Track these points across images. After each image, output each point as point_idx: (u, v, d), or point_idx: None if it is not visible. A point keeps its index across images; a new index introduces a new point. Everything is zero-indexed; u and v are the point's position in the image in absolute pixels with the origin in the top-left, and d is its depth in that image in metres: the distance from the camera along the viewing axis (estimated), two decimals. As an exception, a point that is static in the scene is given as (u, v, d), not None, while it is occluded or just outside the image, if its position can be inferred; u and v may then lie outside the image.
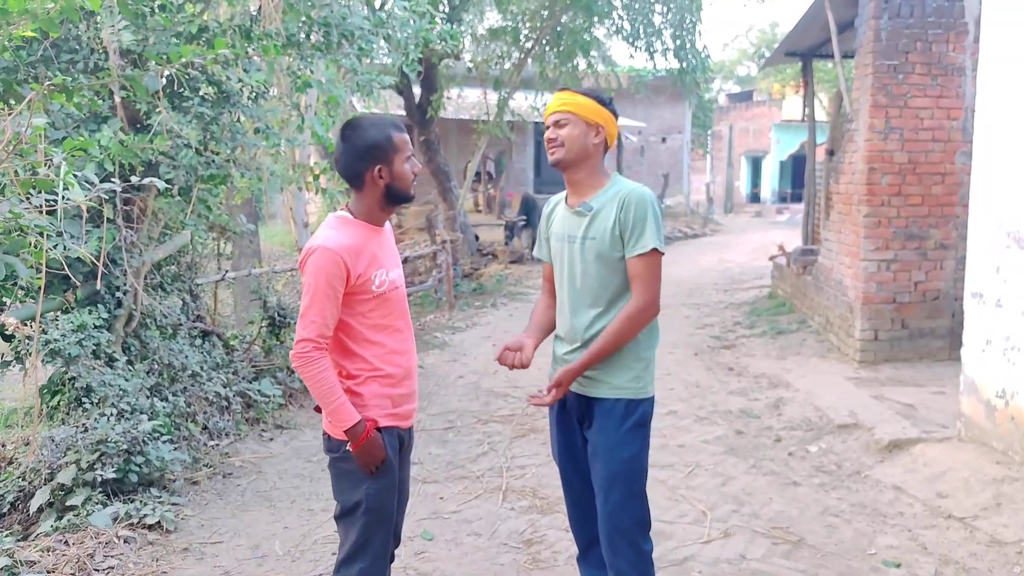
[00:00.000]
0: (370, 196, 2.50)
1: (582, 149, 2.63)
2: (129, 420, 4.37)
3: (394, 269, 2.58)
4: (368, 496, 2.48)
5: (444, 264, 11.23)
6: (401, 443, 2.61)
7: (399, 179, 2.48)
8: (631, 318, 2.58)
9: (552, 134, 2.65)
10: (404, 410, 2.59)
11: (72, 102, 3.58)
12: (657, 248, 2.56)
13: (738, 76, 48.84)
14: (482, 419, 5.91)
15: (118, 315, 4.84)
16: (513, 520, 4.15)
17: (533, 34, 13.93)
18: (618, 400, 2.64)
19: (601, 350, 2.60)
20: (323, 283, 2.37)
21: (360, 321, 2.48)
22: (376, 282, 2.47)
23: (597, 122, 2.63)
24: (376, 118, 2.55)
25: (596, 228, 2.62)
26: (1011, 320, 4.42)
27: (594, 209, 2.63)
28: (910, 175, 6.93)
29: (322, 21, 5.33)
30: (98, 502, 4.04)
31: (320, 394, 2.41)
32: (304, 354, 2.38)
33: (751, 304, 10.69)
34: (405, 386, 2.58)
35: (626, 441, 2.63)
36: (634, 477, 2.66)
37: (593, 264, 2.63)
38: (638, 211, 2.55)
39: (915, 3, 6.76)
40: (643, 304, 2.58)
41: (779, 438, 5.32)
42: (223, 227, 6.54)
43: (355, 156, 2.46)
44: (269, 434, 5.56)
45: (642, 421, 2.67)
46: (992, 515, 3.99)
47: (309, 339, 2.37)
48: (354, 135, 2.46)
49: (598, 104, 2.63)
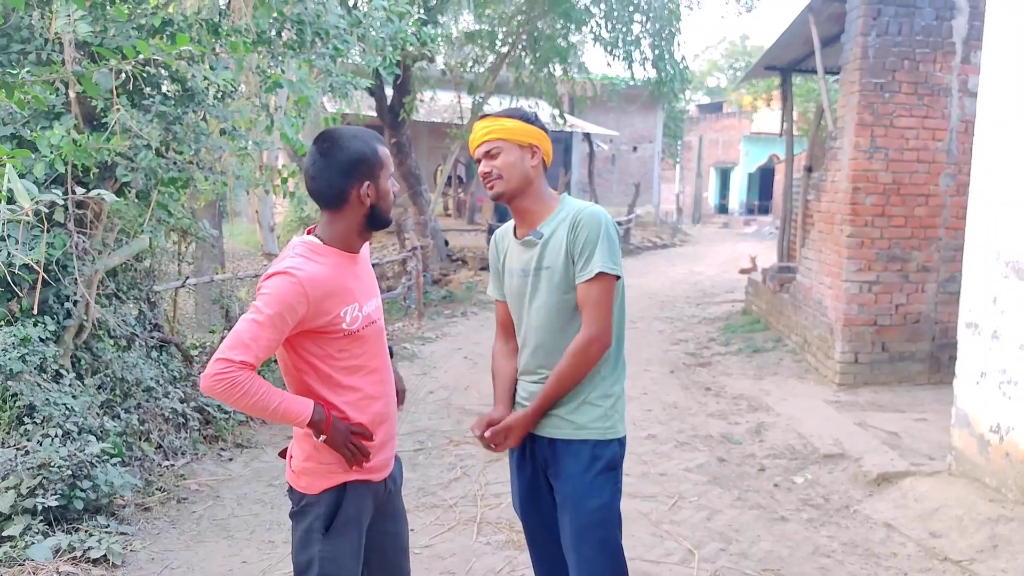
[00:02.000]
0: (350, 218, 2.17)
1: (522, 176, 2.40)
2: (75, 441, 4.05)
3: (369, 302, 2.25)
4: (322, 560, 2.15)
5: (414, 271, 10.95)
6: (377, 496, 2.29)
7: (384, 198, 2.19)
8: (579, 352, 2.33)
9: (486, 167, 2.41)
10: (377, 461, 2.26)
11: (14, 99, 3.25)
12: (606, 272, 2.30)
13: (708, 87, 49.19)
14: (454, 440, 5.65)
15: (67, 326, 4.51)
16: (489, 557, 3.90)
17: (509, 39, 13.72)
18: (584, 442, 2.38)
19: (551, 392, 2.36)
20: (275, 311, 2.02)
21: (331, 364, 2.16)
22: (347, 319, 2.15)
23: (530, 143, 2.41)
24: (358, 130, 2.22)
25: (549, 256, 2.39)
26: (1008, 353, 4.27)
27: (544, 235, 2.40)
28: (894, 196, 6.82)
29: (295, 18, 5.06)
30: (38, 532, 3.71)
31: (256, 408, 2.03)
32: (224, 374, 1.98)
33: (725, 320, 10.56)
34: (380, 433, 2.25)
35: (595, 489, 2.37)
36: (606, 528, 2.40)
37: (551, 296, 2.39)
38: (589, 232, 2.32)
39: (903, 21, 6.65)
40: (592, 334, 2.32)
41: (763, 467, 5.13)
42: (184, 230, 6.21)
43: (339, 172, 2.12)
44: (228, 453, 5.24)
45: (612, 464, 2.41)
46: (989, 558, 3.82)
47: (231, 360, 1.98)
48: (336, 149, 2.13)
49: (526, 123, 2.41)
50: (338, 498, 2.18)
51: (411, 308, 10.85)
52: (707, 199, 35.26)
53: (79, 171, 4.26)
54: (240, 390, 2.00)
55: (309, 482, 2.20)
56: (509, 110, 2.48)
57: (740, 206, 34.55)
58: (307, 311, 2.07)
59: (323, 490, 2.18)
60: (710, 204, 35.43)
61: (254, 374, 2.04)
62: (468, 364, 8.06)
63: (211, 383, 2.00)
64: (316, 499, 2.18)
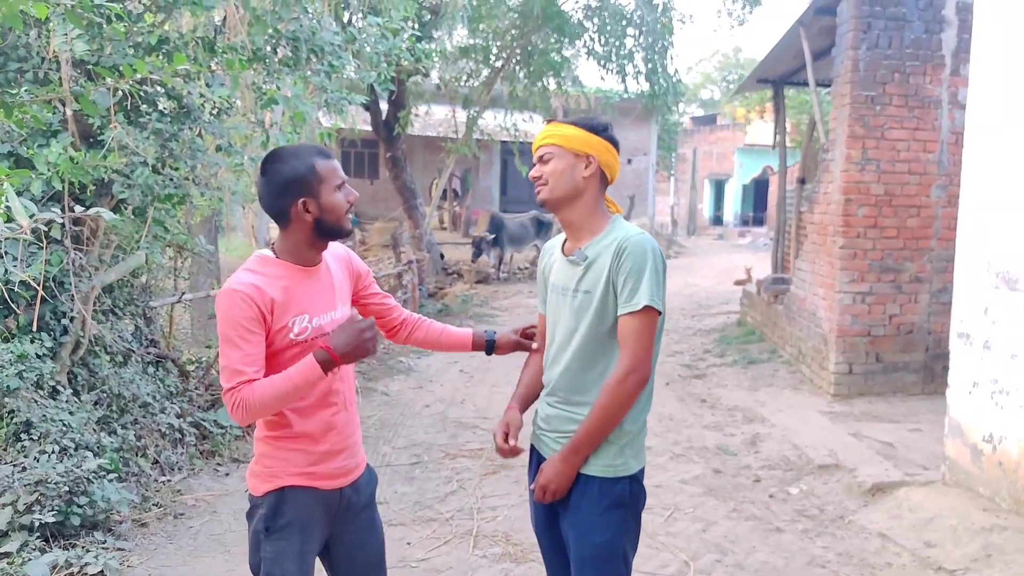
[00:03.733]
0: (297, 232, 2.20)
1: (570, 185, 2.31)
2: (72, 457, 4.05)
3: (324, 314, 2.25)
4: (265, 560, 2.22)
5: (410, 284, 10.97)
6: (330, 504, 2.30)
7: (329, 211, 2.19)
8: (615, 387, 2.21)
9: (536, 171, 2.35)
10: (326, 469, 2.26)
11: (14, 118, 3.28)
12: (652, 306, 2.19)
13: (701, 100, 49.41)
14: (450, 453, 5.66)
15: (64, 343, 4.52)
16: (485, 570, 3.90)
17: (503, 53, 13.79)
18: (592, 478, 2.29)
19: (593, 430, 2.24)
20: (235, 328, 2.09)
21: (277, 369, 2.17)
22: (295, 329, 2.18)
23: (586, 152, 2.30)
24: (299, 147, 2.25)
25: (590, 280, 2.28)
26: (1000, 363, 4.31)
27: (589, 258, 2.29)
28: (886, 207, 6.87)
29: (290, 35, 5.09)
30: (35, 548, 3.71)
31: (280, 401, 2.11)
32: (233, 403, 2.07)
33: (720, 331, 10.58)
34: (328, 443, 2.26)
35: (599, 525, 2.28)
36: (606, 564, 2.30)
37: (586, 322, 2.29)
38: (635, 262, 2.20)
39: (893, 35, 6.72)
40: (627, 368, 2.20)
41: (758, 478, 5.15)
42: (180, 245, 6.22)
43: (276, 191, 2.18)
44: (225, 468, 5.24)
45: (620, 502, 2.29)
46: (983, 568, 3.84)
47: (231, 389, 2.08)
48: (272, 168, 2.19)
49: (587, 132, 2.31)
50: (278, 501, 2.23)
51: (407, 322, 10.85)
52: (702, 211, 35.35)
53: (76, 188, 4.29)
54: (248, 405, 2.08)
55: (255, 484, 2.27)
56: (576, 118, 2.38)
57: (734, 218, 34.65)
58: (263, 314, 2.12)
59: (265, 492, 2.24)
60: (705, 216, 35.52)
61: (250, 384, 2.09)
62: (464, 377, 8.07)
63: (233, 417, 2.11)
64: (260, 501, 2.25)
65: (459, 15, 11.96)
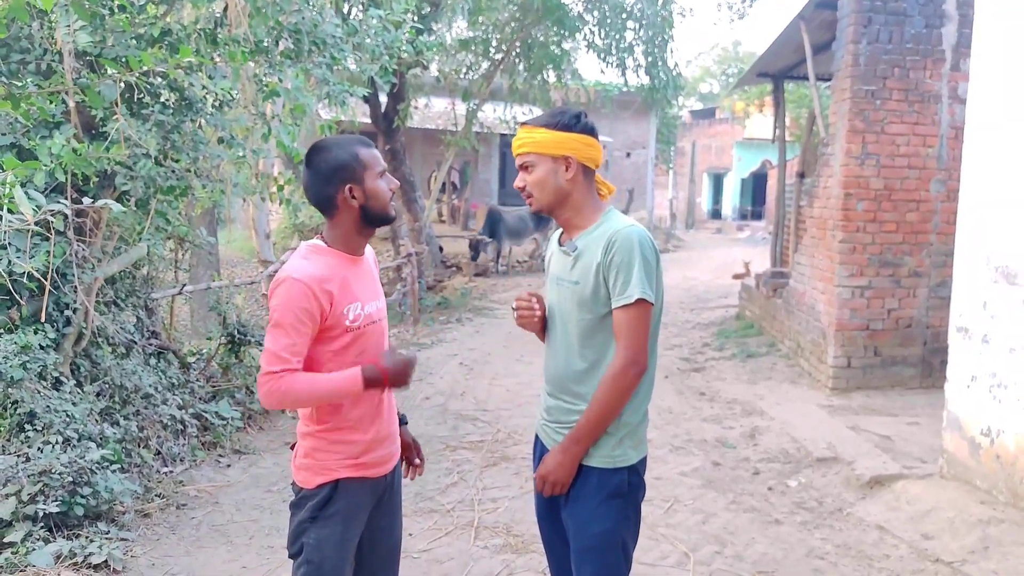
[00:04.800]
0: (345, 220, 2.28)
1: (554, 191, 2.31)
2: (76, 448, 4.07)
3: (372, 302, 2.34)
4: (307, 546, 2.27)
5: (409, 277, 10.99)
6: (376, 492, 2.38)
7: (373, 197, 2.26)
8: (613, 380, 2.23)
9: (520, 182, 2.35)
10: (373, 457, 2.34)
11: (20, 110, 3.28)
12: (644, 299, 2.19)
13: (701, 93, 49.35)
14: (451, 446, 5.69)
15: (67, 334, 4.54)
16: (486, 560, 3.93)
17: (503, 46, 13.77)
18: (591, 469, 2.31)
19: (593, 421, 2.26)
20: (291, 317, 2.15)
21: (332, 359, 2.25)
22: (350, 316, 2.25)
23: (563, 155, 2.28)
24: (341, 138, 2.32)
25: (579, 271, 2.29)
26: (998, 357, 4.34)
27: (578, 249, 2.31)
28: (885, 202, 6.88)
29: (292, 28, 5.10)
30: (39, 538, 3.73)
31: (313, 398, 2.21)
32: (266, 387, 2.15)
33: (718, 325, 10.61)
34: (374, 431, 2.34)
35: (599, 515, 2.30)
36: (606, 554, 2.31)
37: (576, 311, 2.31)
38: (624, 255, 2.20)
39: (893, 29, 6.73)
40: (624, 361, 2.22)
41: (757, 471, 5.18)
42: (181, 237, 6.23)
43: (322, 180, 2.25)
44: (227, 460, 5.27)
45: (618, 492, 2.30)
46: (980, 559, 3.88)
47: (272, 372, 2.15)
48: (318, 158, 2.25)
49: (559, 132, 2.28)
50: (331, 493, 2.29)
51: (406, 314, 10.89)
52: (700, 205, 35.38)
53: (79, 180, 4.30)
54: (284, 394, 2.16)
55: (306, 477, 2.32)
56: (545, 118, 2.33)
57: (733, 212, 34.68)
58: (323, 305, 2.18)
59: (318, 485, 2.29)
60: (703, 210, 35.54)
61: (292, 374, 2.16)
62: (464, 370, 8.09)
63: (263, 399, 2.19)
64: (311, 493, 2.30)
65: (459, 7, 11.93)
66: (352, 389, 2.20)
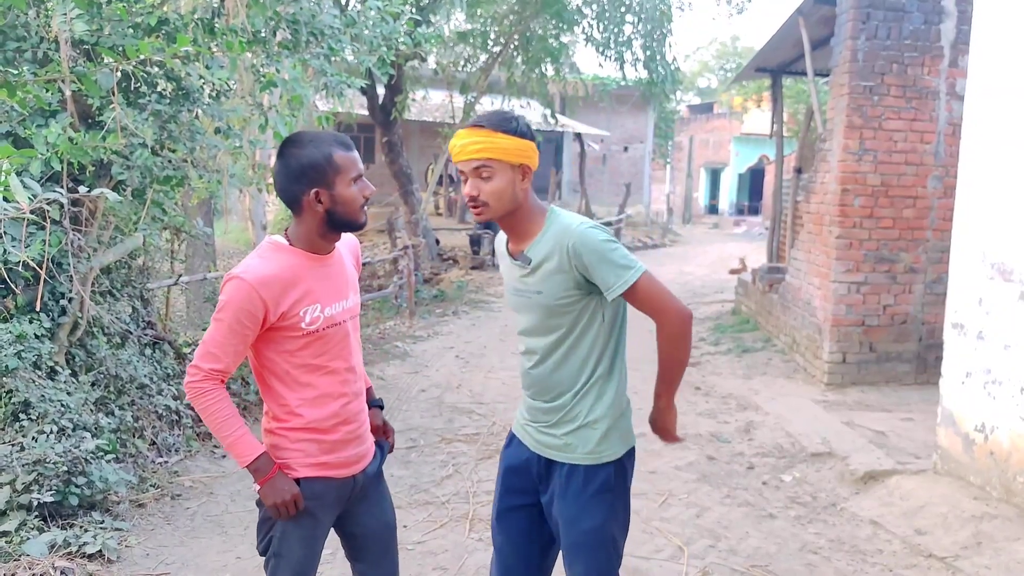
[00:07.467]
0: (308, 221, 2.17)
1: (511, 200, 2.21)
2: (71, 438, 4.06)
3: (336, 303, 2.24)
4: (274, 539, 2.24)
5: (406, 270, 10.98)
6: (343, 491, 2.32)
7: (342, 204, 2.14)
8: (670, 339, 2.22)
9: (473, 190, 2.19)
10: (337, 458, 2.28)
11: (16, 98, 3.27)
12: (638, 273, 2.15)
13: (699, 88, 49.34)
14: (446, 438, 5.69)
15: (62, 323, 4.52)
16: (481, 553, 3.93)
17: (501, 38, 13.75)
18: (576, 466, 2.30)
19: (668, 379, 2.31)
20: (230, 317, 2.08)
21: (288, 360, 2.19)
22: (307, 319, 2.16)
23: (522, 163, 2.19)
24: (320, 134, 2.18)
25: (539, 281, 2.24)
26: (993, 353, 4.35)
27: (533, 261, 2.24)
28: (882, 198, 6.89)
29: (290, 18, 5.07)
30: (33, 527, 3.72)
31: (214, 427, 2.14)
32: (195, 383, 2.11)
33: (714, 320, 10.63)
34: (342, 432, 2.28)
35: (588, 510, 2.28)
36: (597, 549, 2.30)
37: (543, 317, 2.27)
38: (591, 252, 2.15)
39: (892, 25, 6.72)
40: (667, 321, 2.20)
41: (752, 465, 5.19)
42: (178, 228, 6.22)
43: (290, 177, 2.13)
44: (221, 450, 5.26)
45: (607, 487, 2.28)
46: (973, 555, 3.89)
47: (200, 368, 2.10)
48: (289, 153, 2.13)
49: (519, 139, 2.18)
50: None
51: (403, 307, 10.89)
52: (697, 199, 35.39)
53: (75, 169, 4.29)
54: (204, 402, 2.12)
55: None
56: (500, 120, 2.19)
57: (730, 207, 34.70)
58: (266, 310, 2.10)
59: None
60: (700, 204, 35.56)
61: (224, 393, 2.13)
62: (459, 363, 8.09)
63: (186, 389, 2.15)
64: None
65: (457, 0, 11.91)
66: (240, 455, 2.15)
